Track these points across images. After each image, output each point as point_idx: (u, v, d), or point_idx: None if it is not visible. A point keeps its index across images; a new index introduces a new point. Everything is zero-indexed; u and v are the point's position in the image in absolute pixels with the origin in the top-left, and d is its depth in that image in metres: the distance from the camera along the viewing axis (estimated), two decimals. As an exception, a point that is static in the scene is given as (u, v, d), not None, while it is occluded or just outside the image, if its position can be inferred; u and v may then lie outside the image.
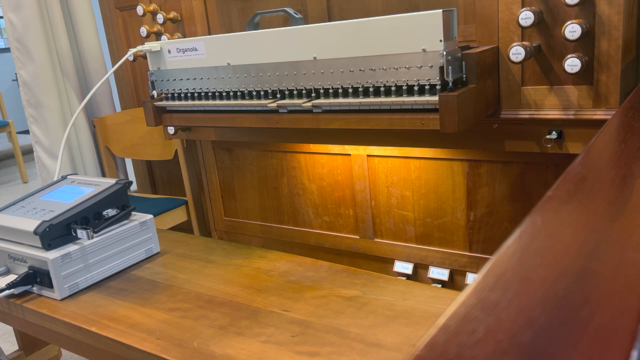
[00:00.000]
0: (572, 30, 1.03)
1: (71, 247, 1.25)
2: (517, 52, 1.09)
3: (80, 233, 1.25)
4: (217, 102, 1.42)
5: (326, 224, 1.68)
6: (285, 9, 1.38)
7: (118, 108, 2.33)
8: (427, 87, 1.12)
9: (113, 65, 1.90)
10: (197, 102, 1.46)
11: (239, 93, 1.38)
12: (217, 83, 1.41)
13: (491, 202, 1.37)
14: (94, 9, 2.25)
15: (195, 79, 1.45)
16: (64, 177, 1.51)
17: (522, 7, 1.12)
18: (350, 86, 1.21)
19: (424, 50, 1.09)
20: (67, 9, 2.19)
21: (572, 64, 1.05)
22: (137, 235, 1.38)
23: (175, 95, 1.52)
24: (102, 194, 1.33)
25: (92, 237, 1.26)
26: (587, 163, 0.63)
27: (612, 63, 1.07)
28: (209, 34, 1.66)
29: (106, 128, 2.27)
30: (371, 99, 1.17)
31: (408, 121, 1.13)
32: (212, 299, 1.18)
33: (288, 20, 1.41)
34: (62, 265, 1.22)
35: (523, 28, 1.11)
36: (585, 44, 1.08)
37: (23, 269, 1.27)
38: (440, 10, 1.06)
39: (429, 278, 1.50)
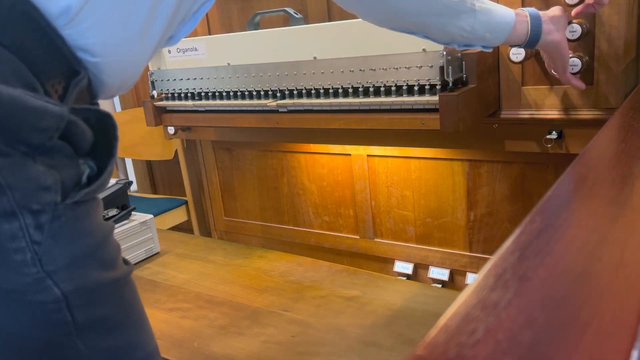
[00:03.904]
0: (572, 30, 1.03)
1: (71, 247, 1.25)
2: (517, 52, 1.09)
3: (80, 233, 1.25)
4: (217, 102, 1.42)
5: (326, 224, 1.68)
6: (285, 9, 1.38)
7: (118, 108, 2.33)
8: (427, 87, 1.12)
9: (113, 65, 1.90)
10: (197, 102, 1.46)
11: (239, 93, 1.38)
12: (217, 83, 1.41)
13: (491, 202, 1.37)
14: (94, 9, 2.24)
15: (195, 79, 1.45)
16: (64, 177, 1.50)
17: (522, 7, 1.12)
18: (350, 86, 1.21)
19: (424, 50, 1.09)
20: (67, 9, 2.18)
21: (572, 63, 1.05)
22: (137, 235, 1.38)
23: (176, 95, 1.52)
24: (103, 194, 1.33)
25: (92, 237, 1.26)
26: (587, 163, 0.63)
27: (612, 63, 1.07)
28: (209, 34, 1.66)
29: (106, 128, 2.26)
30: (371, 99, 1.17)
31: (408, 121, 1.13)
32: (212, 299, 1.18)
33: (288, 20, 1.41)
34: (62, 265, 1.22)
35: (523, 28, 1.11)
36: (585, 44, 1.08)
37: (23, 269, 1.27)
38: (440, 10, 1.05)
39: (429, 278, 1.50)
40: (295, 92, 1.29)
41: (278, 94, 1.33)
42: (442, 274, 1.48)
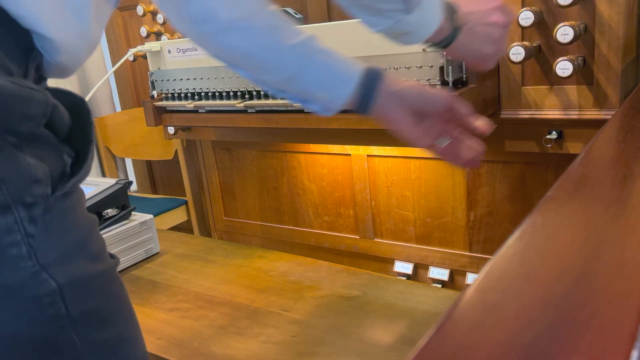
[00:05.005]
0: (564, 33, 1.02)
1: (71, 247, 1.25)
2: (517, 52, 1.09)
3: (80, 233, 1.25)
4: (217, 102, 1.42)
5: (326, 224, 1.68)
6: (285, 9, 1.38)
7: (118, 108, 2.33)
8: (427, 87, 1.12)
9: (113, 65, 1.90)
10: (197, 102, 1.46)
11: (239, 93, 1.38)
12: (217, 83, 1.41)
13: (491, 202, 1.37)
14: (94, 9, 2.24)
15: (195, 79, 1.45)
16: (64, 177, 1.50)
17: (522, 7, 1.12)
18: (350, 86, 1.20)
19: (424, 50, 1.09)
20: (67, 9, 2.18)
21: (564, 67, 1.05)
22: (137, 235, 1.38)
23: (176, 95, 1.52)
24: (102, 194, 1.33)
25: (92, 237, 1.26)
26: (587, 163, 0.63)
27: (612, 63, 1.07)
28: (209, 34, 1.66)
29: (106, 128, 2.27)
30: (371, 99, 1.17)
31: (408, 121, 1.13)
32: (212, 299, 1.18)
33: (288, 20, 1.41)
34: (62, 265, 1.22)
35: (523, 28, 1.11)
36: (585, 44, 1.08)
37: (23, 269, 1.27)
38: (440, 10, 1.05)
39: (429, 278, 1.50)
40: (295, 92, 1.29)
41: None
42: (442, 274, 1.48)
